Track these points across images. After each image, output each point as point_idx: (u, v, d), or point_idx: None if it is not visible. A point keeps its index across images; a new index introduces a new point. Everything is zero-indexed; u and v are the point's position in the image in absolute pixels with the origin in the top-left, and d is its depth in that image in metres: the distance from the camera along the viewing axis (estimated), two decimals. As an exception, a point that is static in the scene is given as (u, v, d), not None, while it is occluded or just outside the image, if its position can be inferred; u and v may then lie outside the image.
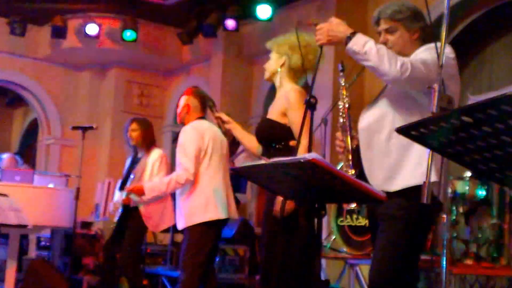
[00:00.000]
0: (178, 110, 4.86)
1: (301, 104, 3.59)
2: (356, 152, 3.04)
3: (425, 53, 2.92)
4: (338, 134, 3.10)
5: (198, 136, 4.61)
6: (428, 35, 3.09)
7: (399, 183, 2.87)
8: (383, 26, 3.10)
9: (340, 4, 8.06)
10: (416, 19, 3.08)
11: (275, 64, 3.87)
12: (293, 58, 3.81)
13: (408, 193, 2.85)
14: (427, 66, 2.83)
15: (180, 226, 4.61)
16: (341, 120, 3.10)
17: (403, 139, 2.87)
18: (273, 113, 3.82)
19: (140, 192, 4.86)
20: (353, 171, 3.00)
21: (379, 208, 2.93)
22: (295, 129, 3.66)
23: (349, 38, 2.88)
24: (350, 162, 3.02)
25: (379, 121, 2.98)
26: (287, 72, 3.84)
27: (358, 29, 2.93)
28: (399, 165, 2.89)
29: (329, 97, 6.87)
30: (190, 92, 4.88)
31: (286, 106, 3.75)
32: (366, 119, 3.05)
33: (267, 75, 3.93)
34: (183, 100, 4.82)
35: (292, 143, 3.71)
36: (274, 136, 3.79)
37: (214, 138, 4.64)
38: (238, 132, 4.11)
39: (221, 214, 4.51)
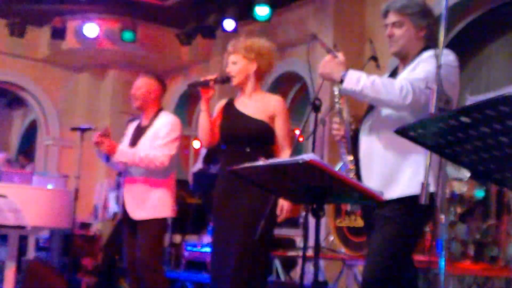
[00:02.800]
0: (139, 92, 4.71)
1: (288, 116, 3.89)
2: (353, 139, 3.05)
3: (427, 64, 2.88)
4: (336, 120, 3.10)
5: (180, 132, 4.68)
6: (433, 33, 3.06)
7: (395, 192, 2.87)
8: (391, 19, 3.08)
9: (338, 5, 8.06)
10: (424, 16, 3.05)
11: (245, 69, 3.88)
12: (262, 65, 3.90)
13: (404, 201, 2.86)
14: (429, 82, 2.80)
15: (140, 216, 4.53)
16: (337, 106, 3.10)
17: (400, 148, 2.89)
18: (259, 116, 3.84)
19: (112, 151, 4.49)
20: (351, 158, 3.01)
21: (375, 209, 2.94)
22: (279, 137, 3.83)
23: (342, 79, 2.87)
24: (348, 149, 3.04)
25: (377, 129, 2.98)
26: (256, 77, 3.91)
27: (356, 30, 2.94)
28: (396, 173, 2.89)
29: (327, 98, 6.88)
30: (155, 77, 4.80)
31: (276, 113, 3.85)
32: (367, 128, 3.05)
33: (237, 80, 3.89)
34: (148, 83, 4.73)
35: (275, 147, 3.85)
36: (268, 139, 3.84)
37: None
38: None
39: None
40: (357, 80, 2.83)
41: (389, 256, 2.87)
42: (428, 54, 2.96)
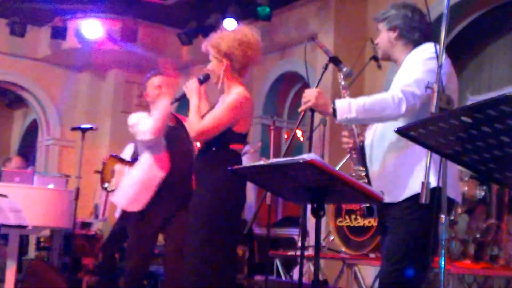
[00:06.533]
0: (156, 92, 4.52)
1: (231, 107, 3.66)
2: (362, 149, 3.05)
3: (413, 66, 2.85)
4: (344, 133, 3.10)
5: None
6: (409, 31, 3.00)
7: (402, 193, 2.86)
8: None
9: (339, 5, 8.07)
10: (396, 17, 3.03)
11: (217, 68, 3.79)
12: (235, 60, 3.75)
13: (410, 200, 2.84)
14: (421, 82, 2.74)
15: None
16: None
17: (399, 151, 2.87)
18: None
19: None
20: (362, 168, 3.01)
21: (386, 210, 2.93)
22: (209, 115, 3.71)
23: (334, 111, 2.84)
24: (358, 159, 3.04)
25: (381, 135, 2.98)
26: (230, 73, 3.78)
27: (357, 30, 2.94)
28: (401, 175, 2.88)
29: (328, 98, 6.87)
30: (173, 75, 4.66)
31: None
32: (371, 135, 3.04)
33: (213, 79, 3.84)
34: (160, 80, 4.56)
35: (233, 146, 3.70)
36: (219, 140, 3.71)
37: None
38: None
39: None
40: (348, 108, 2.79)
41: (402, 257, 2.84)
42: (411, 55, 2.94)
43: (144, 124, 4.34)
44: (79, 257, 8.20)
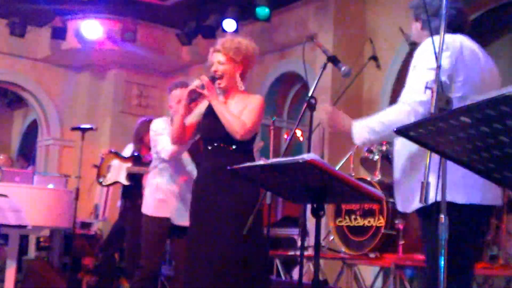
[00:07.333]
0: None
1: (259, 110, 3.80)
2: (387, 158, 3.03)
3: (418, 63, 2.81)
4: None
5: None
6: (431, 21, 2.97)
7: (410, 206, 2.81)
8: None
9: (338, 5, 8.07)
10: (418, 6, 2.99)
11: (233, 71, 3.87)
12: (246, 66, 3.91)
13: (424, 212, 2.78)
14: (424, 86, 2.71)
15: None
16: None
17: (413, 160, 2.82)
18: (239, 116, 3.80)
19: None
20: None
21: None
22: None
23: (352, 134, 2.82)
24: None
25: (402, 144, 2.94)
26: (238, 78, 3.89)
27: (357, 30, 2.92)
28: (408, 186, 2.84)
29: (328, 98, 6.88)
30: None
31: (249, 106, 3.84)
32: (398, 144, 3.00)
33: (225, 82, 3.86)
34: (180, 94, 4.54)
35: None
36: (249, 140, 3.81)
37: None
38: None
39: None
40: (363, 132, 2.77)
41: (431, 266, 2.75)
42: (415, 54, 2.90)
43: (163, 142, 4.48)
44: (79, 257, 8.20)
